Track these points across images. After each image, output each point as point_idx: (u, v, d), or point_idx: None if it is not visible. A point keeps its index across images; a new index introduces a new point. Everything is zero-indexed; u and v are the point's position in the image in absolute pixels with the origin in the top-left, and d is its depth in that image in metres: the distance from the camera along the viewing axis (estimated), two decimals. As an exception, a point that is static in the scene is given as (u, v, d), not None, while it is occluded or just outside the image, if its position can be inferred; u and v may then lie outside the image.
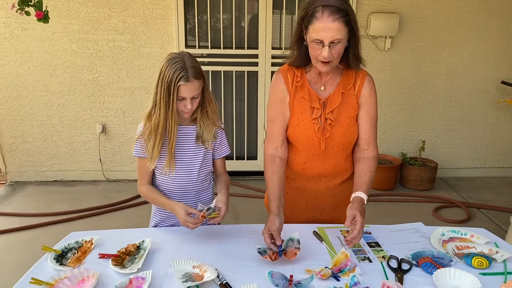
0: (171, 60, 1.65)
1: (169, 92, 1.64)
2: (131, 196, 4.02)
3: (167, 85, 1.63)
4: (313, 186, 1.83)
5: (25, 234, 3.39)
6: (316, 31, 1.53)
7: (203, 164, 1.82)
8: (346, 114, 1.73)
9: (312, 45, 1.57)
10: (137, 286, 1.35)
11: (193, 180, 1.81)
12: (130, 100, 4.27)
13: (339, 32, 1.52)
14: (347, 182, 1.84)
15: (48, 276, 1.40)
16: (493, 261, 1.52)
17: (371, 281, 1.39)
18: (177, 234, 1.71)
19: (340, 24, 1.51)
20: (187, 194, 1.83)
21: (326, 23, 1.51)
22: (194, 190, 1.84)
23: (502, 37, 4.32)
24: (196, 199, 1.84)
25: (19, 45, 4.04)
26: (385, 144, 4.57)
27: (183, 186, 1.81)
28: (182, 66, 1.62)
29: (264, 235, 1.55)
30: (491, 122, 4.58)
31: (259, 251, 1.52)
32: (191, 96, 1.66)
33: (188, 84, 1.62)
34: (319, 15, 1.52)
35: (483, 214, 3.81)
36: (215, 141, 1.83)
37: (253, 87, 4.36)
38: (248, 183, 4.34)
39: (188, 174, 1.80)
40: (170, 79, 1.62)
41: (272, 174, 1.72)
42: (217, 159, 1.88)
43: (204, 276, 1.40)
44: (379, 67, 4.33)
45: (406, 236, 1.74)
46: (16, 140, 4.29)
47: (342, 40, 1.54)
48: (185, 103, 1.66)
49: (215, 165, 1.90)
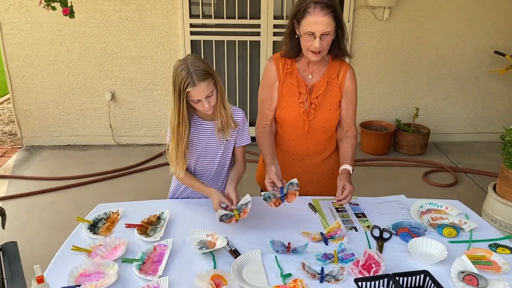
0: (177, 69, 1.73)
1: (180, 98, 1.74)
2: (142, 161, 4.29)
3: (178, 93, 1.73)
4: (297, 163, 2.09)
5: (44, 197, 3.68)
6: (309, 25, 1.76)
7: (223, 156, 1.97)
8: (329, 100, 1.97)
9: (305, 37, 1.79)
10: (160, 252, 1.62)
11: (213, 169, 1.99)
12: (137, 68, 4.45)
13: (329, 26, 1.75)
14: (327, 160, 2.10)
15: (85, 243, 1.66)
16: (461, 231, 1.78)
17: (356, 248, 1.66)
18: (192, 206, 1.97)
19: (330, 18, 1.75)
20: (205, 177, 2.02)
21: (317, 17, 1.74)
22: (211, 176, 2.02)
23: (497, 7, 4.44)
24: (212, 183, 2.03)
25: (29, 15, 4.18)
26: (381, 111, 4.79)
27: (203, 172, 2.00)
28: (187, 73, 1.69)
29: (266, 184, 1.80)
30: (483, 89, 4.77)
31: (264, 197, 1.77)
32: (204, 96, 1.74)
33: (196, 88, 1.70)
34: (311, 10, 1.74)
35: (470, 178, 4.09)
36: (236, 130, 1.92)
37: (255, 56, 4.52)
38: (250, 148, 4.59)
39: (210, 165, 1.97)
40: (179, 87, 1.72)
41: (264, 139, 1.99)
42: (237, 147, 1.99)
43: (216, 243, 1.66)
44: (377, 36, 4.48)
45: (390, 208, 1.99)
46: (29, 107, 4.51)
47: (331, 32, 1.78)
48: (202, 103, 1.75)
49: (234, 153, 2.01)
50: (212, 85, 1.76)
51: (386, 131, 4.56)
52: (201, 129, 1.90)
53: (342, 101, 2.00)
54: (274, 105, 2.02)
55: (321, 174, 2.13)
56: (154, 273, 1.49)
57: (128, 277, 1.49)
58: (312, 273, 1.50)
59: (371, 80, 4.67)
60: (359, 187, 3.65)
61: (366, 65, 4.59)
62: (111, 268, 1.49)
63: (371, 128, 4.64)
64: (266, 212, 1.90)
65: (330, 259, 1.59)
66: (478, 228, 1.81)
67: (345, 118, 2.04)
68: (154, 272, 1.49)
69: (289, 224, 1.82)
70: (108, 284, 1.42)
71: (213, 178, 2.03)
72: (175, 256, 1.60)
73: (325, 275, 1.50)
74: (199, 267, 1.54)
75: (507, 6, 4.43)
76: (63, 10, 2.15)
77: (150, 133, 4.67)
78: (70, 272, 1.47)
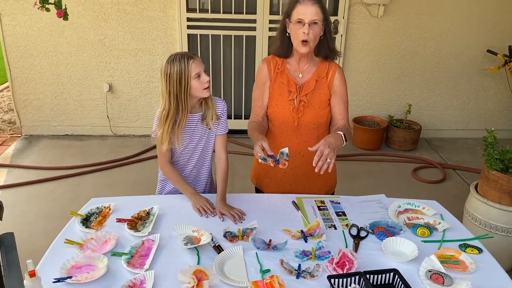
0: (169, 59, 1.93)
1: (180, 83, 1.91)
2: (138, 152, 4.39)
3: (177, 77, 1.90)
4: (289, 160, 2.16)
5: (43, 186, 3.78)
6: (298, 13, 1.91)
7: (205, 144, 2.14)
8: (318, 98, 2.08)
9: (295, 26, 1.93)
10: (148, 246, 1.72)
11: (196, 156, 2.15)
12: (135, 61, 4.52)
13: (316, 15, 1.90)
14: None
15: (77, 237, 1.76)
16: (435, 231, 1.88)
17: (333, 246, 1.75)
18: (180, 202, 2.07)
19: (317, 9, 1.91)
20: (188, 168, 2.18)
21: (306, 6, 1.90)
22: (193, 166, 2.18)
23: (491, 7, 4.50)
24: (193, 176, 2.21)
25: (28, 6, 4.24)
26: (374, 107, 4.87)
27: (186, 159, 2.15)
28: (181, 55, 1.92)
29: (257, 148, 1.87)
30: (475, 87, 4.85)
31: (261, 158, 1.87)
32: (203, 69, 1.95)
33: (196, 60, 1.92)
34: (301, 1, 1.91)
35: (458, 175, 4.19)
36: (217, 122, 2.11)
37: (251, 50, 4.59)
38: (245, 141, 4.68)
39: (194, 152, 2.14)
40: (178, 70, 1.90)
41: (253, 128, 2.08)
42: (218, 135, 2.14)
43: (201, 239, 1.76)
44: (372, 33, 4.54)
45: (369, 207, 2.08)
46: (28, 97, 4.60)
47: (318, 22, 1.91)
48: (203, 77, 1.94)
49: (215, 142, 2.16)
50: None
51: (379, 127, 4.64)
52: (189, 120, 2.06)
53: (332, 99, 2.10)
54: (265, 103, 2.14)
55: (312, 171, 2.19)
56: (141, 266, 1.59)
57: (117, 269, 1.59)
58: (289, 269, 1.60)
59: (365, 76, 4.74)
60: (348, 182, 3.80)
61: (360, 61, 4.66)
62: (101, 261, 1.59)
63: (363, 123, 4.72)
64: (251, 210, 2.00)
65: (308, 256, 1.68)
66: (451, 228, 1.90)
67: (336, 116, 2.13)
68: (141, 266, 1.59)
69: (271, 222, 1.92)
70: (98, 276, 1.52)
71: (196, 167, 2.18)
72: (162, 251, 1.70)
73: (302, 272, 1.59)
74: (184, 261, 1.64)
75: (501, 6, 4.49)
76: (57, 12, 2.23)
77: (146, 124, 4.76)
78: (62, 264, 1.56)
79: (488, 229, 2.73)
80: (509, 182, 2.61)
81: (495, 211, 2.70)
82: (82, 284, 1.49)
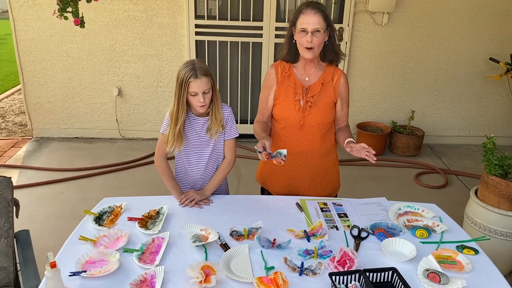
0: (184, 64, 2.06)
1: (181, 88, 2.04)
2: (146, 155, 4.48)
3: (180, 83, 2.04)
4: (293, 159, 2.28)
5: (53, 187, 3.87)
6: (302, 23, 2.04)
7: (214, 148, 2.23)
8: (324, 100, 2.20)
9: (299, 34, 2.07)
10: (158, 244, 1.80)
11: (205, 160, 2.24)
12: (144, 66, 4.63)
13: (319, 23, 2.03)
14: (322, 159, 2.29)
15: (91, 234, 1.85)
16: (433, 232, 1.95)
17: (335, 246, 1.83)
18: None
19: (320, 18, 2.03)
20: (198, 171, 2.27)
21: (309, 16, 2.03)
22: (204, 167, 2.26)
23: (493, 15, 4.57)
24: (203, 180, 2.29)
25: (41, 12, 4.36)
26: (377, 113, 4.95)
27: (197, 163, 2.25)
28: (192, 67, 2.02)
29: (258, 144, 2.01)
30: (478, 94, 4.91)
31: (258, 151, 1.98)
32: (202, 91, 2.03)
33: (197, 80, 2.00)
34: (304, 11, 2.05)
35: (460, 181, 4.25)
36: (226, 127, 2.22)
37: (257, 57, 4.69)
38: (250, 145, 4.77)
39: (202, 156, 2.23)
40: (182, 78, 2.03)
41: (258, 126, 2.24)
42: (226, 140, 2.25)
43: (208, 237, 1.85)
44: (376, 41, 4.62)
45: (370, 209, 2.16)
46: (40, 100, 4.71)
47: (321, 30, 2.03)
48: (198, 97, 2.04)
49: (225, 145, 2.27)
50: (210, 84, 2.05)
51: (382, 132, 4.72)
52: (194, 123, 2.18)
53: (338, 103, 2.24)
54: (270, 105, 2.27)
55: (317, 171, 2.31)
56: (152, 262, 1.67)
57: (128, 265, 1.67)
58: (292, 267, 1.68)
59: (369, 83, 4.82)
60: (351, 186, 3.87)
61: (365, 68, 4.74)
62: (114, 257, 1.68)
63: (367, 129, 4.80)
64: (256, 211, 2.09)
65: (310, 255, 1.76)
66: (449, 231, 1.97)
67: (340, 116, 2.29)
68: (152, 262, 1.68)
69: (276, 222, 2.00)
70: (111, 270, 1.60)
71: (206, 169, 2.27)
72: (171, 248, 1.79)
73: (304, 269, 1.67)
74: (192, 258, 1.72)
75: (503, 15, 4.57)
76: (75, 20, 2.34)
77: (154, 128, 4.86)
78: (77, 259, 1.65)
79: (487, 233, 2.79)
80: (508, 187, 2.67)
81: (494, 215, 2.76)
82: (96, 278, 1.58)
